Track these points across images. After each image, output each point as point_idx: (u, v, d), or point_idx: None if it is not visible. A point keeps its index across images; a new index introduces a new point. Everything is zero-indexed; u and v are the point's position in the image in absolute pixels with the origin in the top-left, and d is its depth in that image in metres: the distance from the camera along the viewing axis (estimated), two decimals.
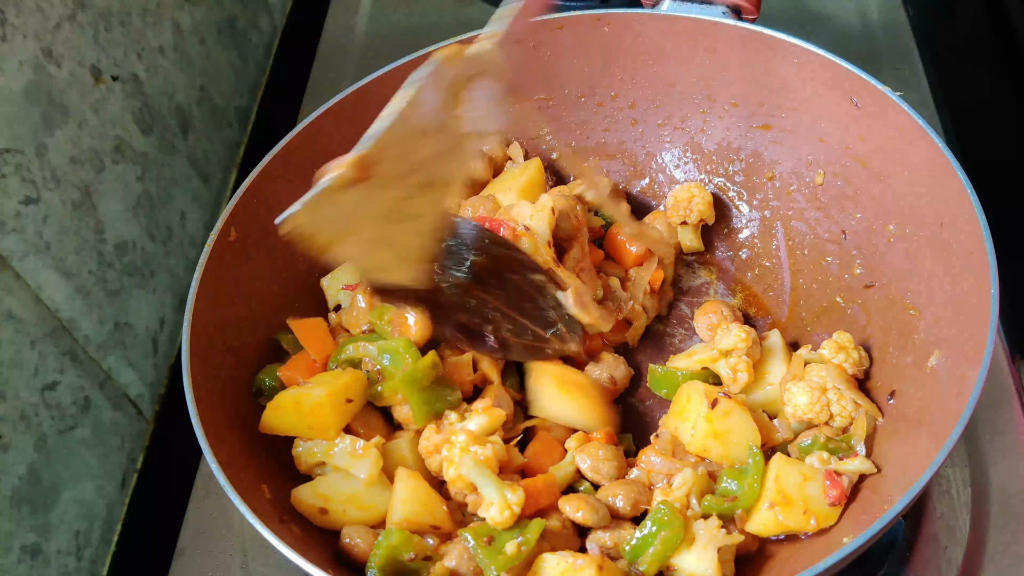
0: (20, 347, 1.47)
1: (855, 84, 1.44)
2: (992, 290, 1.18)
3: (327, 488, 1.31)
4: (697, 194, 1.63)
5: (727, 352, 1.40)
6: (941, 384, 1.25)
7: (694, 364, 1.42)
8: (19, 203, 1.49)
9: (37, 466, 1.49)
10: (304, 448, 1.34)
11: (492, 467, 1.25)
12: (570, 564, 1.17)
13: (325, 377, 1.39)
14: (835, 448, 1.30)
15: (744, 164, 1.66)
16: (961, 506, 1.45)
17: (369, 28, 2.36)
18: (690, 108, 1.67)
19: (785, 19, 2.20)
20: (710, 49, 1.58)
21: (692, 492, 1.27)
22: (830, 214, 1.56)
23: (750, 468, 1.26)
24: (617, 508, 1.27)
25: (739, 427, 1.31)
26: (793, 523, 1.21)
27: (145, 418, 1.79)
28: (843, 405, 1.34)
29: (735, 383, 1.39)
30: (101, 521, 1.64)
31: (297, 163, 1.52)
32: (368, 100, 1.59)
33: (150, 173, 1.86)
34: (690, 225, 1.66)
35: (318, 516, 1.30)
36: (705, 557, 1.19)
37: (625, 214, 1.62)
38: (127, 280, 1.76)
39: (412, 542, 1.21)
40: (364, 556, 1.25)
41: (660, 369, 1.47)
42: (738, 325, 1.42)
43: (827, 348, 1.40)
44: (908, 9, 2.22)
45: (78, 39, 1.66)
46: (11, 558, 1.43)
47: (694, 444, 1.31)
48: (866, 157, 1.47)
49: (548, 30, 1.63)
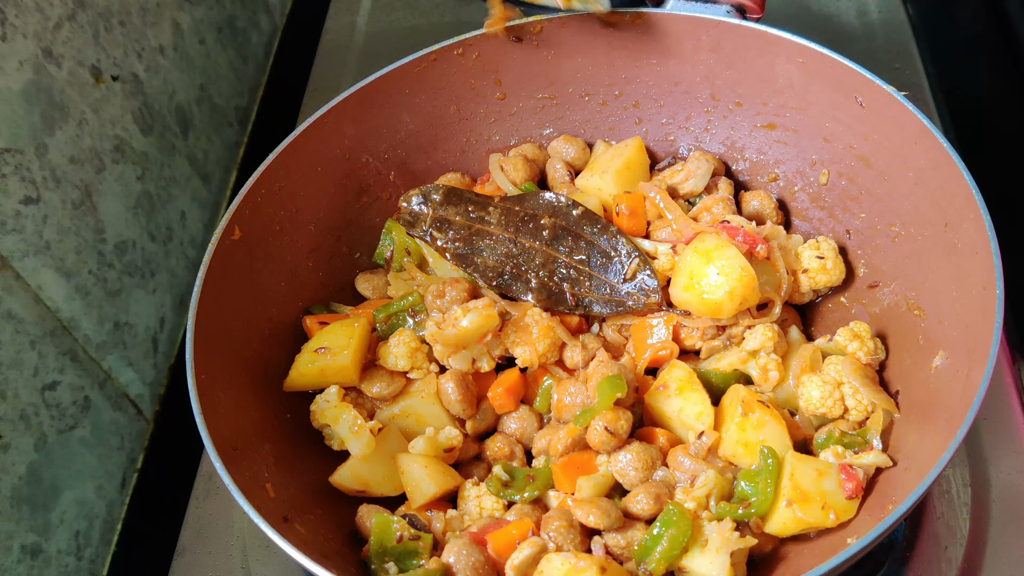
0: (20, 347, 1.47)
1: (860, 83, 1.44)
2: (997, 290, 1.18)
3: (366, 471, 1.37)
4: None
5: (754, 352, 1.40)
6: (945, 384, 1.25)
7: (725, 367, 1.42)
8: (19, 203, 1.49)
9: (37, 466, 1.49)
10: (318, 408, 1.41)
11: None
12: (572, 565, 1.17)
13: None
14: (850, 442, 1.30)
15: (748, 164, 1.66)
16: (961, 506, 1.45)
17: (369, 28, 2.36)
18: (694, 107, 1.67)
19: (785, 18, 2.20)
20: (714, 48, 1.58)
21: (712, 494, 1.26)
22: (834, 214, 1.56)
23: (763, 470, 1.25)
24: (633, 511, 1.27)
25: (771, 438, 1.30)
26: (812, 519, 1.21)
27: (145, 418, 1.78)
28: (859, 399, 1.34)
29: (767, 382, 1.39)
30: (101, 521, 1.64)
31: (300, 162, 1.52)
32: (369, 100, 1.59)
33: (150, 173, 1.85)
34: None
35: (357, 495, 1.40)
36: (717, 561, 1.18)
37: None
38: (127, 280, 1.75)
39: (391, 525, 1.27)
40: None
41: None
42: (763, 324, 1.42)
43: (842, 335, 1.40)
44: (908, 9, 2.23)
45: (78, 39, 1.65)
46: (11, 558, 1.42)
47: (726, 448, 1.32)
48: (870, 157, 1.47)
49: (552, 28, 1.62)
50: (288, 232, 1.53)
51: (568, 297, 1.48)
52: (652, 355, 1.44)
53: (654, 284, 1.46)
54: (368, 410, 1.45)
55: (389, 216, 1.65)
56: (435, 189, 1.58)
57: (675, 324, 1.44)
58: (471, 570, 1.20)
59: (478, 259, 1.52)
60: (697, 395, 1.35)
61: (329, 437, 1.43)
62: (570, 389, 1.39)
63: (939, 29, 2.28)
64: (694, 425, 1.34)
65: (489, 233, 1.54)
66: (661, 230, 1.54)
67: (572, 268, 1.50)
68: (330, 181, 1.59)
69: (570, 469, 1.32)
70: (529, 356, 1.42)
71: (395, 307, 1.50)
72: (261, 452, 1.32)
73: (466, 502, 1.36)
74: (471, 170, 1.74)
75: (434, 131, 1.69)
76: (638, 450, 1.30)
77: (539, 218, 1.53)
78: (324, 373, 1.41)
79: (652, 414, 1.40)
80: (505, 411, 1.45)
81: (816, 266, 1.48)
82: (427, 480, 1.34)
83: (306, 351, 1.44)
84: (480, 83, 1.68)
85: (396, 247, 1.62)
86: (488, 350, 1.43)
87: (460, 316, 1.39)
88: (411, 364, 1.43)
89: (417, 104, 1.65)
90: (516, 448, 1.43)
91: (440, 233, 1.55)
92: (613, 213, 1.56)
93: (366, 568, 1.28)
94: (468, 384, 1.42)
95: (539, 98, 1.71)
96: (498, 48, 1.64)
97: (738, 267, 1.36)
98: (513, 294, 1.50)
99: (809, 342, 1.46)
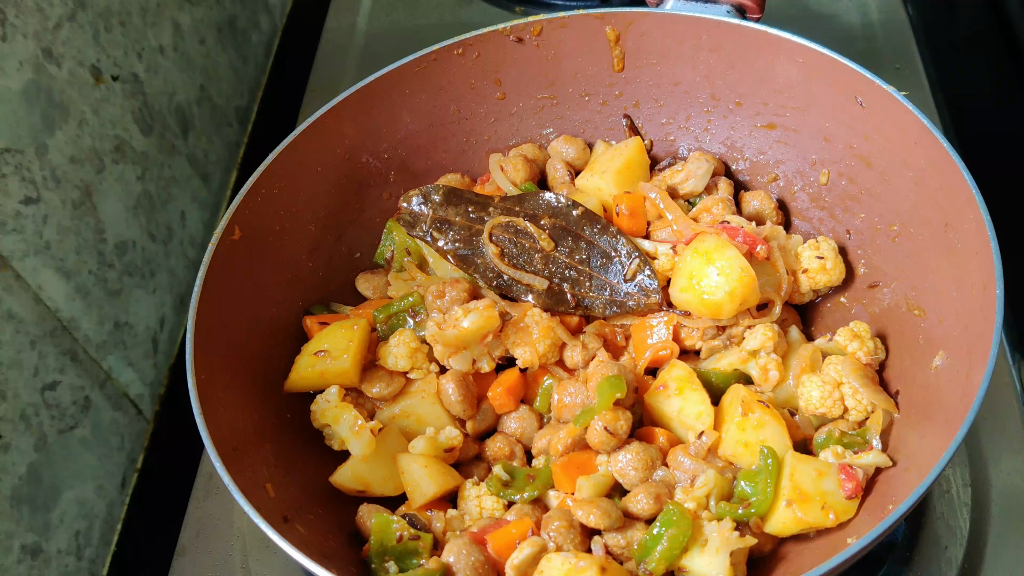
0: (20, 347, 1.47)
1: (860, 83, 1.44)
2: (998, 290, 1.17)
3: (366, 471, 1.38)
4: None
5: (754, 352, 1.41)
6: (945, 384, 1.25)
7: (725, 367, 1.42)
8: (19, 203, 1.49)
9: (37, 466, 1.49)
10: (319, 408, 1.41)
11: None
12: (572, 565, 1.17)
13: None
14: (850, 442, 1.30)
15: (748, 164, 1.66)
16: (961, 506, 1.46)
17: (369, 28, 2.36)
18: (694, 107, 1.67)
19: (785, 18, 2.20)
20: (714, 48, 1.58)
21: (712, 494, 1.26)
22: (834, 214, 1.56)
23: (763, 470, 1.25)
24: (633, 511, 1.27)
25: (771, 438, 1.30)
26: (812, 519, 1.21)
27: (145, 418, 1.78)
28: (858, 399, 1.34)
29: (767, 382, 1.39)
30: (101, 521, 1.64)
31: (300, 161, 1.52)
32: (369, 100, 1.59)
33: (150, 173, 1.85)
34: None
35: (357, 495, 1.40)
36: (717, 560, 1.18)
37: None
38: (127, 280, 1.75)
39: (391, 525, 1.27)
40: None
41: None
42: (763, 324, 1.42)
43: (842, 335, 1.41)
44: (908, 9, 2.23)
45: (78, 39, 1.65)
46: (11, 558, 1.42)
47: (726, 448, 1.31)
48: (871, 157, 1.47)
49: (552, 29, 1.62)
50: (288, 232, 1.53)
51: (568, 297, 1.48)
52: (652, 355, 1.44)
53: (654, 284, 1.46)
54: (368, 410, 1.45)
55: (389, 216, 1.65)
56: (435, 189, 1.58)
57: (675, 324, 1.44)
58: (471, 570, 1.20)
59: (479, 259, 1.52)
60: (697, 395, 1.35)
61: (329, 437, 1.43)
62: (570, 389, 1.39)
63: (939, 29, 2.28)
64: (694, 425, 1.34)
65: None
66: (661, 230, 1.54)
67: (572, 268, 1.50)
68: (330, 181, 1.59)
69: (570, 469, 1.32)
70: (529, 357, 1.42)
71: (395, 307, 1.50)
72: (261, 452, 1.32)
73: (466, 502, 1.36)
74: (471, 170, 1.74)
75: (434, 131, 1.69)
76: (638, 450, 1.30)
77: (539, 218, 1.53)
78: (324, 376, 1.42)
79: (652, 414, 1.40)
80: (505, 411, 1.45)
81: (816, 266, 1.48)
82: (427, 480, 1.34)
83: (306, 353, 1.44)
84: (480, 83, 1.68)
85: (397, 247, 1.62)
86: (488, 350, 1.43)
87: (461, 317, 1.39)
88: (411, 364, 1.43)
89: (417, 104, 1.65)
90: (516, 448, 1.43)
91: (440, 234, 1.55)
92: (613, 213, 1.56)
93: (366, 568, 1.28)
94: (468, 384, 1.42)
95: (539, 98, 1.71)
96: (498, 48, 1.64)
97: (738, 267, 1.36)
98: (513, 295, 1.50)
99: (809, 342, 1.46)
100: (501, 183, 1.65)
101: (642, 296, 1.46)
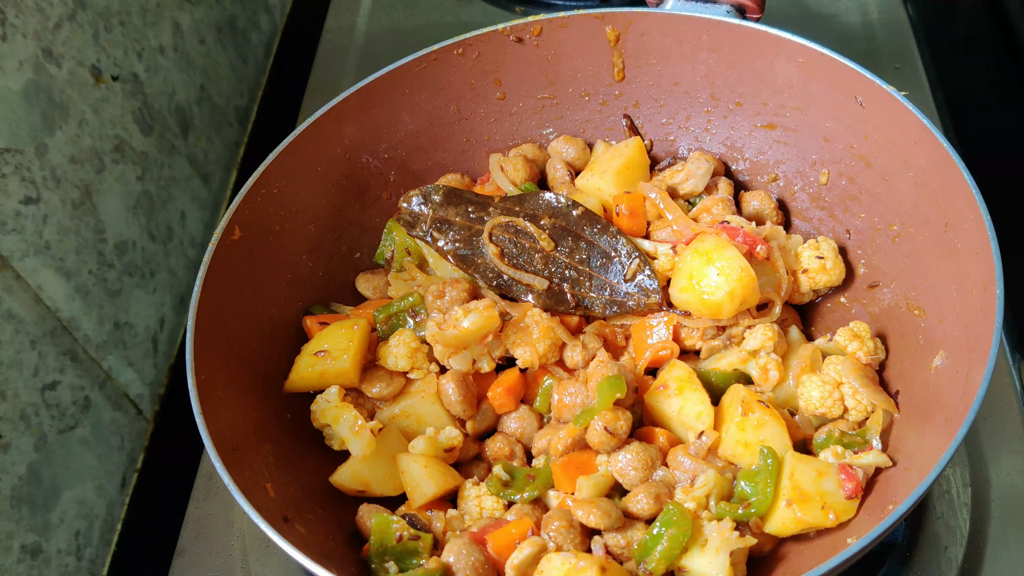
0: (20, 347, 1.47)
1: (860, 83, 1.44)
2: (998, 290, 1.17)
3: (366, 471, 1.38)
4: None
5: (754, 352, 1.41)
6: (945, 384, 1.25)
7: (725, 367, 1.42)
8: (19, 203, 1.49)
9: (37, 466, 1.49)
10: (319, 408, 1.41)
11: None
12: (572, 564, 1.17)
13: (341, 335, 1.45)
14: (850, 442, 1.30)
15: (748, 164, 1.66)
16: (961, 506, 1.46)
17: (369, 28, 2.36)
18: (694, 107, 1.67)
19: (785, 18, 2.20)
20: (714, 48, 1.58)
21: (712, 494, 1.27)
22: (834, 214, 1.56)
23: (763, 470, 1.25)
24: (633, 511, 1.27)
25: (771, 438, 1.30)
26: (812, 519, 1.21)
27: (145, 418, 1.78)
28: (858, 399, 1.34)
29: (767, 382, 1.39)
30: (101, 521, 1.64)
31: (300, 161, 1.52)
32: (369, 100, 1.59)
33: (150, 173, 1.85)
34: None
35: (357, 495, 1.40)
36: (717, 560, 1.18)
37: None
38: (127, 280, 1.75)
39: (391, 525, 1.27)
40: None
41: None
42: (763, 324, 1.42)
43: (842, 335, 1.41)
44: (908, 9, 2.23)
45: (78, 39, 1.65)
46: (11, 558, 1.42)
47: (726, 448, 1.32)
48: (870, 157, 1.47)
49: (552, 29, 1.62)
50: (288, 232, 1.53)
51: (568, 297, 1.48)
52: (652, 355, 1.44)
53: (654, 284, 1.46)
54: (368, 410, 1.45)
55: (389, 216, 1.65)
56: (435, 190, 1.58)
57: (675, 324, 1.44)
58: (471, 570, 1.20)
59: (479, 259, 1.52)
60: (697, 395, 1.35)
61: (329, 437, 1.43)
62: (570, 389, 1.39)
63: (939, 29, 2.28)
64: (694, 425, 1.34)
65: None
66: (661, 230, 1.54)
67: (572, 268, 1.50)
68: (330, 181, 1.59)
69: (570, 469, 1.32)
70: (529, 357, 1.42)
71: (395, 307, 1.50)
72: (261, 452, 1.32)
73: (466, 502, 1.36)
74: (471, 170, 1.74)
75: (434, 131, 1.69)
76: (638, 450, 1.30)
77: (539, 218, 1.53)
78: (324, 376, 1.42)
79: (652, 414, 1.40)
80: (505, 411, 1.45)
81: (816, 266, 1.48)
82: (427, 480, 1.34)
83: (306, 353, 1.44)
84: (480, 83, 1.68)
85: (397, 247, 1.62)
86: (488, 351, 1.43)
87: (461, 317, 1.39)
88: (411, 364, 1.43)
89: (417, 104, 1.65)
90: (516, 448, 1.43)
91: (440, 234, 1.55)
92: (613, 213, 1.56)
93: (366, 568, 1.28)
94: (468, 384, 1.42)
95: (539, 98, 1.71)
96: (498, 48, 1.64)
97: (738, 268, 1.36)
98: (513, 295, 1.50)
99: (809, 342, 1.46)
100: (501, 183, 1.65)
101: (642, 296, 1.46)
